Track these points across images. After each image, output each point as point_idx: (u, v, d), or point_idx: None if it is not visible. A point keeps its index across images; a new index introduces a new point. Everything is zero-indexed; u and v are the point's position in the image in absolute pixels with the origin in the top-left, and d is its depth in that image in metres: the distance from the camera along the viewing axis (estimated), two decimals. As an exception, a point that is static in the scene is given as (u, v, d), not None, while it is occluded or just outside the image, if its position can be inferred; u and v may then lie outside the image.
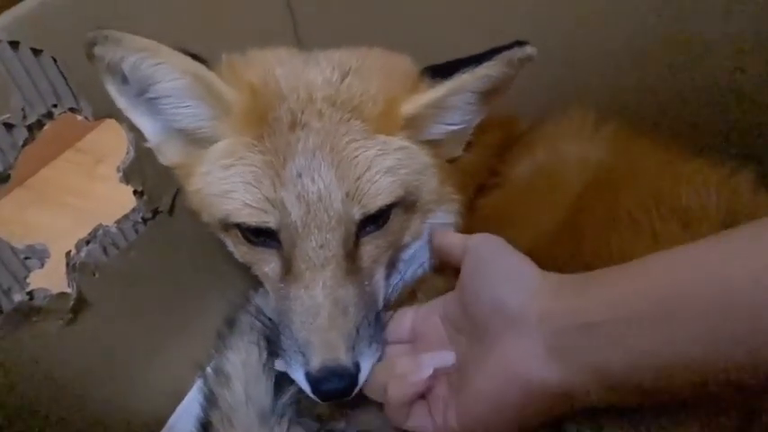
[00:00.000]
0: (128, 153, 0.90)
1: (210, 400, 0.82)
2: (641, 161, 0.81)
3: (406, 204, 0.78)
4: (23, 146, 0.78)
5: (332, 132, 0.72)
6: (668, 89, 1.06)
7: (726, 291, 0.46)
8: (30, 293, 0.82)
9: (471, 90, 0.77)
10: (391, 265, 0.82)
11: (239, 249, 0.81)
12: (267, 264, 0.78)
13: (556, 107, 0.93)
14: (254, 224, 0.73)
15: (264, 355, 0.83)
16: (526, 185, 0.86)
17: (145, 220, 0.97)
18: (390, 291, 0.82)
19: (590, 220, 0.76)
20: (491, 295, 0.63)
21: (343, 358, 0.69)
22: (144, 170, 0.92)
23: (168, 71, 0.71)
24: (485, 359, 0.61)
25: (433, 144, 0.80)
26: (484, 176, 0.90)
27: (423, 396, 0.69)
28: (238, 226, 0.75)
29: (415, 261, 0.85)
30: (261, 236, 0.75)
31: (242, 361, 0.83)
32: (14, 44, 0.75)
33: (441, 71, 0.76)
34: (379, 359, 0.74)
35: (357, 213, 0.72)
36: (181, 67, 0.71)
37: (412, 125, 0.76)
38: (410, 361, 0.71)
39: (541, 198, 0.84)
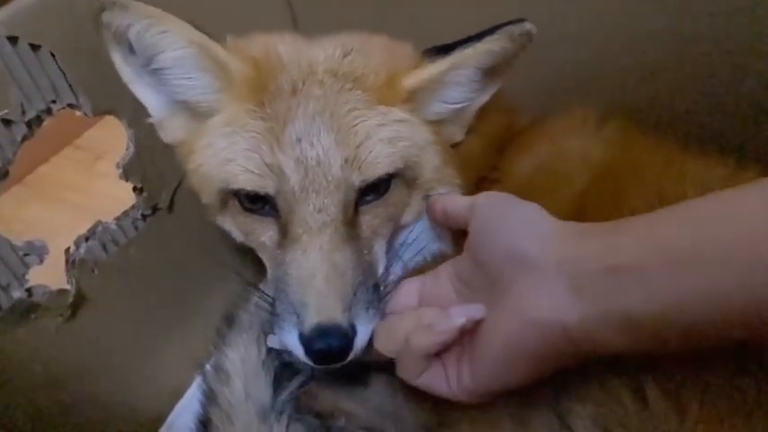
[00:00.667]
0: (127, 149, 0.90)
1: (210, 398, 0.82)
2: (644, 159, 0.80)
3: (406, 179, 0.78)
4: (22, 142, 0.78)
5: (332, 100, 0.72)
6: (670, 89, 1.06)
7: (749, 240, 0.46)
8: (29, 290, 0.82)
9: (473, 66, 0.78)
10: (391, 244, 0.82)
11: (237, 221, 0.80)
12: (265, 233, 0.77)
13: (557, 105, 0.92)
14: (251, 189, 0.73)
15: (264, 351, 0.82)
16: (528, 182, 0.86)
17: (144, 217, 0.97)
18: (390, 277, 0.79)
19: (593, 218, 0.75)
20: (504, 243, 0.61)
21: (340, 318, 0.68)
22: (143, 167, 0.92)
23: (173, 40, 0.72)
24: (499, 309, 0.59)
25: (435, 123, 0.80)
26: (484, 168, 0.90)
27: (437, 355, 0.65)
28: (237, 195, 0.75)
29: (415, 247, 0.84)
30: (258, 202, 0.75)
31: (241, 358, 0.83)
32: (13, 39, 0.74)
33: (442, 50, 0.76)
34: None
35: (356, 180, 0.72)
36: (186, 37, 0.72)
37: (414, 99, 0.77)
38: (438, 312, 0.66)
39: (543, 195, 0.82)
